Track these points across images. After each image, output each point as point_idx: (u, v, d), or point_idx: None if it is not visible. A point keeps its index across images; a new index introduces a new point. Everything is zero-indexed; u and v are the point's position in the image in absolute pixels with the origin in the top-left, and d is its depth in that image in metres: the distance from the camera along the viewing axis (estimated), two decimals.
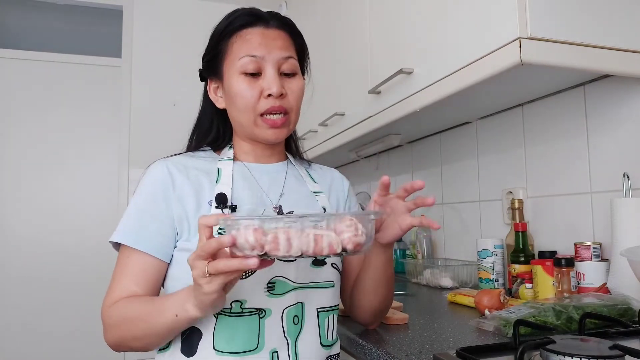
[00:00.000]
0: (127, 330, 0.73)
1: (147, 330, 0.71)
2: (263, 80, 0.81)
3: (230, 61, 0.83)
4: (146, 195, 0.80)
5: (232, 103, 0.83)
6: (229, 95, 0.83)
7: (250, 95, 0.81)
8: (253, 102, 0.81)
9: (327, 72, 1.84)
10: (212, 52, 0.86)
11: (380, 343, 0.86)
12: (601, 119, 1.13)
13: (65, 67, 2.72)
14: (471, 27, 1.00)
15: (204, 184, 0.81)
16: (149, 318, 0.71)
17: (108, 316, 0.76)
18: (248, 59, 0.80)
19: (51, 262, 2.60)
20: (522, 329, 0.80)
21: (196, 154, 0.88)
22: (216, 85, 0.88)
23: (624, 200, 1.00)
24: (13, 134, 2.61)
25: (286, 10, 2.46)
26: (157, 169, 0.81)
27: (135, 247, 0.77)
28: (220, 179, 0.82)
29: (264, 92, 0.81)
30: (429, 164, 1.85)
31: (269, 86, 0.80)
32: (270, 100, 0.81)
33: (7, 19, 2.83)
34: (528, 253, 1.22)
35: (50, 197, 2.64)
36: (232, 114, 0.85)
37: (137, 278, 0.77)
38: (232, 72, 0.82)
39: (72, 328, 2.59)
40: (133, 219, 0.79)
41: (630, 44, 0.95)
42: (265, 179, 0.87)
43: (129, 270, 0.77)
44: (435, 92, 1.12)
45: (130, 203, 0.82)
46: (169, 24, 2.84)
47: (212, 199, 0.79)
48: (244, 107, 0.82)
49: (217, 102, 0.88)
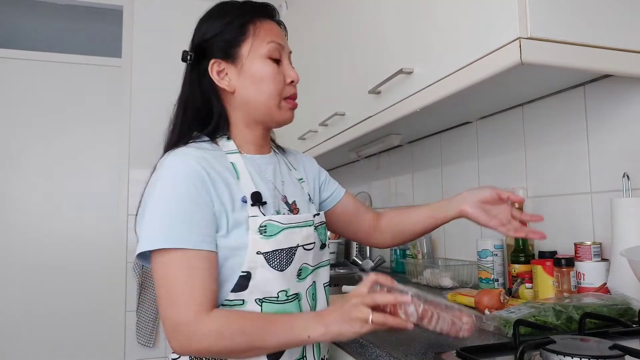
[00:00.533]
0: (233, 342, 0.72)
1: (259, 344, 0.73)
2: (284, 68, 0.88)
3: (255, 45, 0.85)
4: (185, 189, 0.76)
5: (256, 86, 0.86)
6: (253, 79, 0.85)
7: (279, 80, 0.86)
8: (281, 87, 0.87)
9: (327, 72, 1.84)
10: (229, 33, 0.86)
11: (380, 343, 0.86)
12: (601, 119, 1.13)
13: (65, 67, 2.72)
14: (471, 27, 1.00)
15: (229, 180, 0.81)
16: (268, 335, 0.73)
17: (208, 327, 0.72)
18: (275, 45, 0.86)
19: (52, 261, 2.60)
20: (522, 328, 0.79)
21: (201, 145, 0.84)
22: (222, 68, 0.86)
23: (624, 200, 1.00)
24: (13, 133, 2.61)
25: (286, 10, 2.46)
26: (185, 164, 0.78)
27: (195, 248, 0.74)
28: (239, 174, 0.83)
29: (286, 79, 0.88)
30: (429, 164, 1.85)
31: (293, 74, 0.89)
32: (292, 87, 0.89)
33: (7, 19, 2.83)
34: (528, 253, 1.22)
35: (49, 196, 2.64)
36: (250, 96, 0.86)
37: (210, 277, 0.75)
38: (256, 56, 0.85)
39: (72, 327, 2.59)
40: (177, 218, 0.74)
41: (630, 44, 0.95)
42: (269, 170, 0.90)
43: (199, 271, 0.74)
44: (435, 92, 1.12)
45: (158, 204, 0.76)
46: (169, 24, 2.83)
47: (242, 195, 0.80)
48: (272, 90, 0.86)
49: (223, 85, 0.86)
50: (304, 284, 0.85)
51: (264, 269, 0.78)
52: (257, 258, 0.78)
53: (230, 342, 0.72)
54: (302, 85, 2.29)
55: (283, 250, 0.80)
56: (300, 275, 0.83)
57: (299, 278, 0.83)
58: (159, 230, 0.74)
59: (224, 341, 0.72)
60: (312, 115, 1.98)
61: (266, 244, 0.78)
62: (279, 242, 0.80)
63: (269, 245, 0.78)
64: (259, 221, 0.79)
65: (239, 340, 0.72)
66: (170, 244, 0.73)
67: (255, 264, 0.78)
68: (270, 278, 0.79)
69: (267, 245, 0.78)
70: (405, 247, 1.93)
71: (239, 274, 0.78)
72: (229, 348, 0.73)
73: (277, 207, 0.85)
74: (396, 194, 2.11)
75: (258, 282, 0.78)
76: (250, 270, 0.78)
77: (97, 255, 2.66)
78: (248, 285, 0.78)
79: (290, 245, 0.81)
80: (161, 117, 0.94)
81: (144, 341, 2.58)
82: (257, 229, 0.78)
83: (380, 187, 2.27)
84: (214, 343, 0.72)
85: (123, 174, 2.72)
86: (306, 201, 0.93)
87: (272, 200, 0.84)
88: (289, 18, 2.41)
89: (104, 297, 2.65)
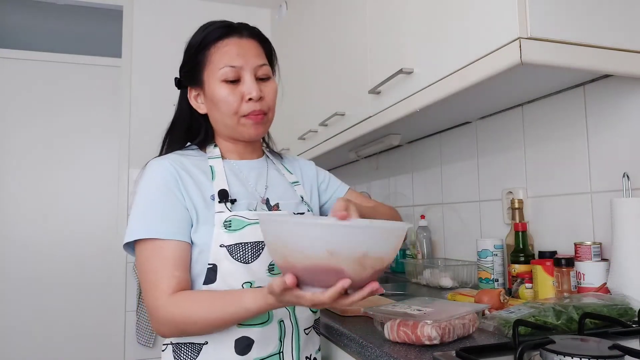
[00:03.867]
0: (193, 323, 0.79)
1: (217, 322, 0.79)
2: (243, 86, 0.90)
3: (210, 71, 0.91)
4: (159, 187, 0.85)
5: (216, 108, 0.91)
6: (212, 102, 0.91)
7: (232, 100, 0.90)
8: (236, 106, 0.90)
9: (327, 72, 1.84)
10: (191, 63, 0.94)
11: (380, 343, 0.86)
12: (601, 119, 1.13)
13: (65, 67, 2.71)
14: (471, 27, 1.00)
15: (202, 180, 0.90)
16: (221, 313, 0.78)
17: (167, 310, 0.79)
18: (228, 69, 0.89)
19: (52, 262, 2.59)
20: (522, 329, 0.80)
21: (186, 152, 0.95)
22: (197, 93, 0.95)
23: (624, 200, 1.00)
24: (12, 133, 2.61)
25: (286, 10, 2.46)
26: (160, 166, 0.88)
27: (167, 238, 0.82)
28: (215, 175, 0.91)
29: (244, 97, 0.90)
30: (429, 164, 1.85)
31: (249, 91, 0.90)
32: (251, 103, 0.90)
33: (7, 19, 2.83)
34: (528, 253, 1.22)
35: (49, 196, 2.63)
36: (216, 117, 0.93)
37: (178, 264, 0.82)
38: (213, 80, 0.90)
39: (72, 327, 2.59)
40: (152, 212, 0.84)
41: (630, 44, 0.95)
42: (252, 174, 0.97)
43: (167, 260, 0.82)
44: (435, 92, 1.12)
45: (138, 200, 0.86)
46: (169, 24, 2.83)
47: (212, 193, 0.88)
48: (227, 111, 0.90)
49: (199, 109, 0.96)
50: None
51: (227, 261, 0.84)
52: (220, 250, 0.84)
53: (193, 325, 0.79)
54: (302, 86, 2.31)
55: (248, 243, 0.85)
56: (274, 271, 0.87)
57: (271, 273, 0.87)
58: (136, 224, 0.84)
59: (180, 317, 0.79)
60: (312, 115, 1.98)
61: (229, 237, 0.84)
62: (243, 235, 0.85)
63: (232, 238, 0.84)
64: (224, 216, 0.85)
65: (197, 319, 0.79)
66: (146, 235, 0.82)
67: (219, 256, 0.84)
68: (232, 270, 0.84)
69: (229, 238, 0.84)
70: (405, 247, 1.93)
71: (207, 267, 0.85)
72: (188, 322, 0.79)
73: (251, 207, 0.89)
74: (396, 193, 2.11)
75: (223, 274, 0.84)
76: (215, 263, 0.84)
77: (97, 256, 2.66)
78: (216, 277, 0.84)
79: (256, 240, 0.85)
80: (161, 117, 0.96)
81: (144, 341, 2.58)
82: (222, 224, 0.84)
83: (379, 187, 2.27)
84: (176, 320, 0.79)
85: (123, 174, 2.72)
86: (296, 202, 0.97)
87: (247, 201, 0.89)
88: (289, 18, 2.41)
89: (104, 297, 2.65)
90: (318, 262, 0.61)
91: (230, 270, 0.84)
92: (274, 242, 0.66)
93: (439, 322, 0.80)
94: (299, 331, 0.91)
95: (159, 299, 0.80)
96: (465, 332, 0.86)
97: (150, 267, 0.82)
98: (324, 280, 0.63)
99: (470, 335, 0.87)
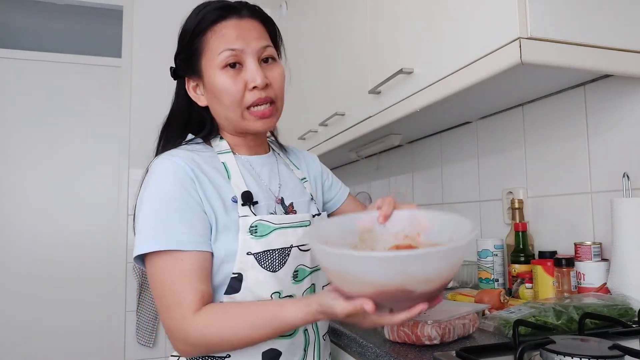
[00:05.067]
0: (229, 343, 0.71)
1: (258, 340, 0.72)
2: (245, 72, 0.80)
3: (208, 58, 0.81)
4: (175, 189, 0.75)
5: (217, 100, 0.82)
6: (213, 92, 0.82)
7: (235, 90, 0.80)
8: (239, 97, 0.80)
9: (327, 72, 1.84)
10: (187, 51, 0.84)
11: (380, 343, 0.86)
12: (601, 119, 1.13)
13: (65, 67, 2.72)
14: (471, 27, 0.99)
15: (219, 181, 0.80)
16: (263, 330, 0.70)
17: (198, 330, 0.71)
18: (228, 52, 0.79)
19: (52, 262, 2.60)
20: (522, 329, 0.80)
21: (193, 147, 0.84)
22: (195, 83, 0.86)
23: (624, 200, 1.00)
24: (12, 134, 2.61)
25: (286, 10, 2.46)
26: (174, 164, 0.77)
27: (188, 249, 0.72)
28: (230, 174, 0.82)
29: (248, 85, 0.80)
30: (429, 164, 1.85)
31: (253, 78, 0.79)
32: (256, 92, 0.80)
33: (7, 19, 2.83)
34: (528, 253, 1.22)
35: (49, 196, 2.64)
36: (217, 110, 0.84)
37: (201, 277, 0.73)
38: (212, 69, 0.81)
39: (72, 327, 2.59)
40: (169, 219, 0.73)
41: (630, 44, 0.95)
42: (264, 171, 0.88)
43: (190, 273, 0.72)
44: (435, 92, 1.12)
45: (150, 205, 0.75)
46: (169, 24, 2.81)
47: (232, 195, 0.79)
48: (230, 102, 0.80)
49: (199, 101, 0.86)
50: (300, 286, 0.82)
51: (255, 270, 0.76)
52: (247, 259, 0.76)
53: (229, 346, 0.72)
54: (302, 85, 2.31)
55: (275, 250, 0.78)
56: (297, 277, 0.81)
57: (295, 280, 0.81)
58: (150, 233, 0.73)
59: (214, 338, 0.71)
60: (312, 115, 1.98)
61: (257, 244, 0.76)
62: (271, 242, 0.78)
63: (260, 245, 0.77)
64: (250, 221, 0.77)
65: (234, 340, 0.71)
66: (162, 247, 0.72)
67: (246, 265, 0.76)
68: (261, 279, 0.76)
69: (257, 245, 0.76)
70: None
71: (230, 277, 0.76)
72: (222, 343, 0.71)
73: (270, 209, 0.82)
74: (396, 194, 2.11)
75: (250, 284, 0.76)
76: (241, 272, 0.76)
77: (97, 256, 2.66)
78: (240, 287, 0.76)
79: (283, 246, 0.79)
80: (161, 117, 0.93)
81: (144, 341, 2.58)
82: (248, 229, 0.76)
83: (380, 187, 2.27)
84: (208, 341, 0.71)
85: (123, 174, 2.72)
86: (307, 201, 0.91)
87: (267, 202, 0.82)
88: (289, 18, 2.41)
89: (104, 298, 2.65)
90: (389, 289, 0.59)
91: (258, 279, 0.76)
92: (337, 273, 0.61)
93: (439, 322, 0.80)
94: (319, 338, 0.86)
95: (185, 318, 0.70)
96: (466, 332, 0.86)
97: (170, 283, 0.72)
98: (391, 301, 0.62)
99: (471, 335, 0.87)
